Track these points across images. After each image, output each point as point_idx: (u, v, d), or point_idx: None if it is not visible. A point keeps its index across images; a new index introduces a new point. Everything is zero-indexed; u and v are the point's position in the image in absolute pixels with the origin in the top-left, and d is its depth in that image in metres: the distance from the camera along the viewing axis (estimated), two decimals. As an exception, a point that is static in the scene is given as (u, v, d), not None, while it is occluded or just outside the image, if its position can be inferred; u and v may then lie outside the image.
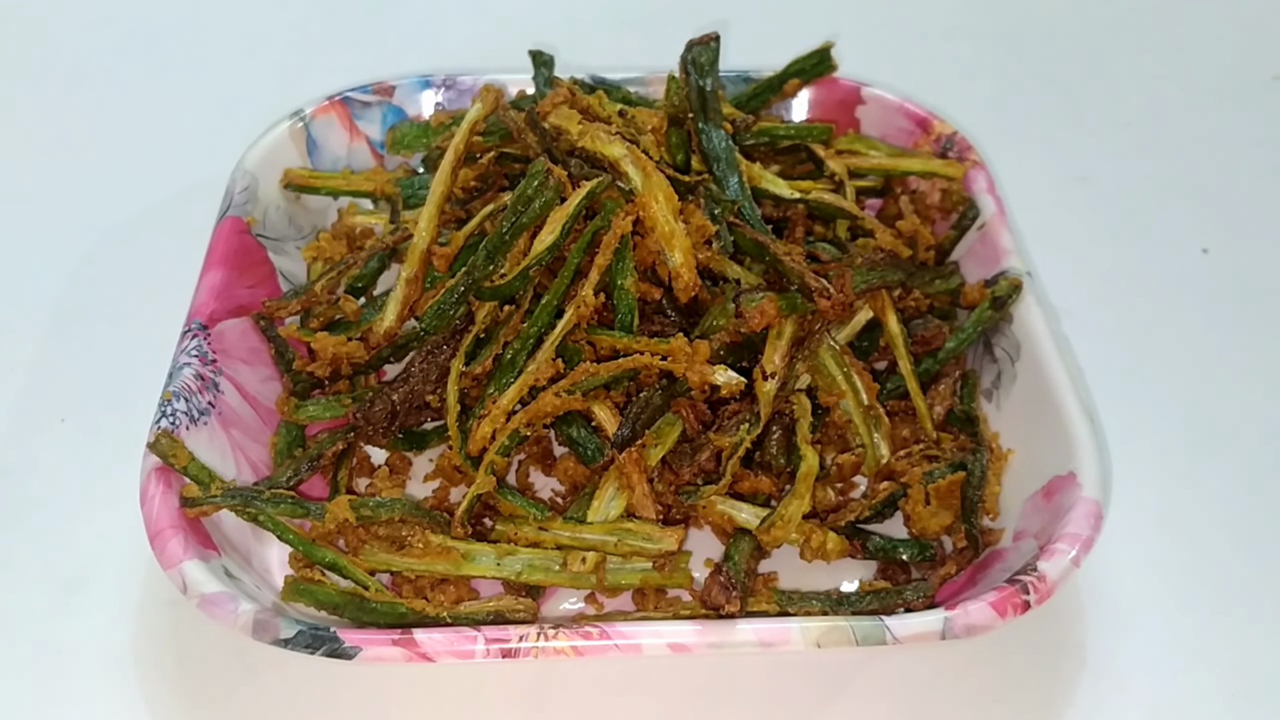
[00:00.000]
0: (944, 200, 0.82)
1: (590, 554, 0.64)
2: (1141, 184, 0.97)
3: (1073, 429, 0.66)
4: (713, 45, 0.78)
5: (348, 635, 0.57)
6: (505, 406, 0.66)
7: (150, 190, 0.94)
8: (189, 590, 0.59)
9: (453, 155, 0.75)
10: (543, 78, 0.85)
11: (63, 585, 0.69)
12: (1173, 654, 0.67)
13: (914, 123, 0.86)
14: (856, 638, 0.58)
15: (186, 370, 0.69)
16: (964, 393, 0.74)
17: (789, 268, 0.68)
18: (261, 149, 0.82)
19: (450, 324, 0.70)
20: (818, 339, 0.69)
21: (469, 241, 0.73)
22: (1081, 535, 0.61)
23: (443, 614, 0.61)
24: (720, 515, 0.66)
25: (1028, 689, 0.65)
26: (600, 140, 0.71)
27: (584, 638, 0.57)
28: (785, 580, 0.67)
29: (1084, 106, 1.04)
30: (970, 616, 0.58)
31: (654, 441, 0.66)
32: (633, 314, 0.69)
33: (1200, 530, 0.73)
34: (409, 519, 0.66)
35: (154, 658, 0.66)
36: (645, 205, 0.68)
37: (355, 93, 0.87)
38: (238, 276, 0.75)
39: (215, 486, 0.64)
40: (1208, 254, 0.91)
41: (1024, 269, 0.75)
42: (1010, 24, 1.13)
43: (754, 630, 0.58)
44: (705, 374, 0.65)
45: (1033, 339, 0.71)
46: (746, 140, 0.81)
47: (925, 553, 0.67)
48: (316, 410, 0.72)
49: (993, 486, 0.69)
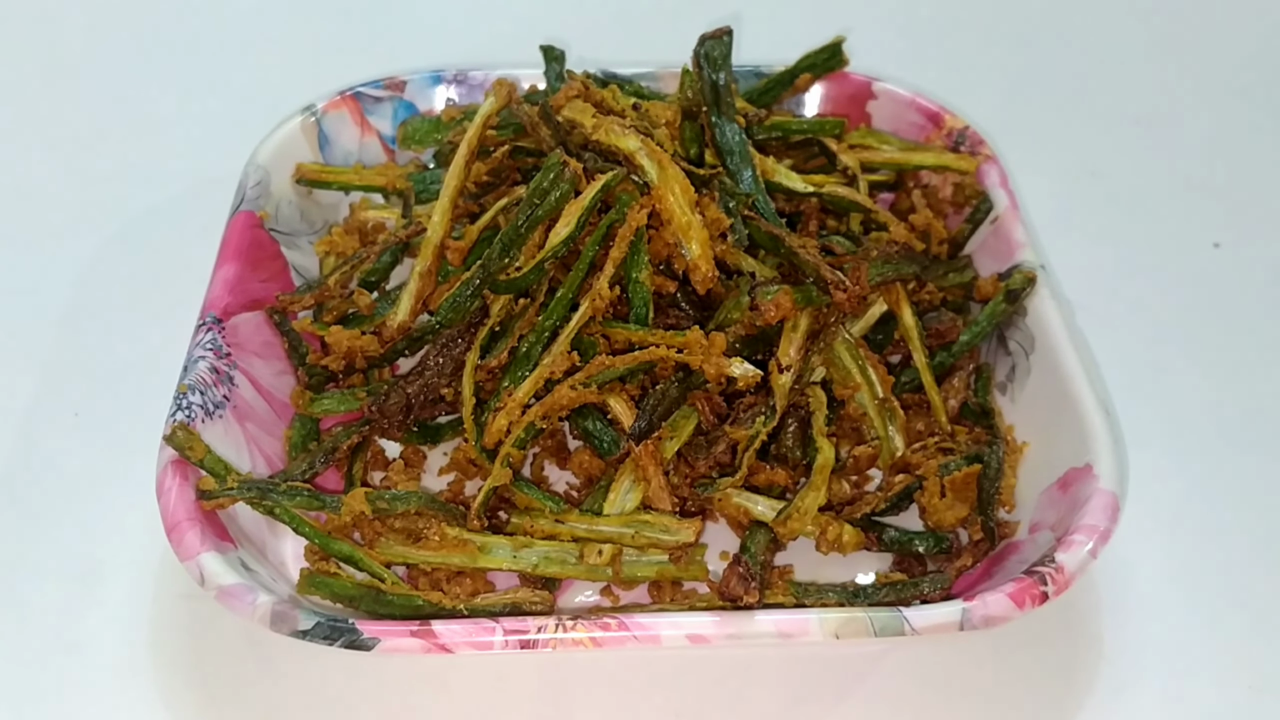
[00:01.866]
0: (956, 194, 0.82)
1: (607, 546, 0.64)
2: (1153, 179, 0.96)
3: (1089, 421, 0.65)
4: (725, 39, 0.78)
5: (366, 626, 0.57)
6: (520, 400, 0.66)
7: (163, 185, 0.93)
8: (206, 582, 0.59)
9: (466, 149, 0.75)
10: (554, 72, 0.85)
11: (77, 579, 0.69)
12: (1190, 646, 0.67)
13: (926, 117, 0.86)
14: (875, 629, 0.57)
15: (201, 364, 0.68)
16: (978, 385, 0.73)
17: (804, 261, 0.68)
18: (273, 144, 0.82)
19: (465, 317, 0.70)
20: (833, 332, 0.69)
21: (483, 235, 0.73)
22: (1099, 527, 0.61)
23: (459, 606, 0.61)
24: (736, 508, 0.66)
25: (1045, 681, 0.65)
26: (615, 133, 0.71)
27: (602, 629, 0.57)
28: (800, 573, 0.67)
29: (1095, 101, 1.04)
30: (988, 607, 0.58)
31: (670, 434, 0.66)
32: (648, 307, 0.69)
33: (1215, 523, 0.73)
34: (425, 512, 0.66)
35: (169, 651, 0.66)
36: (661, 198, 0.68)
37: (366, 88, 0.87)
38: (251, 271, 0.75)
39: (231, 479, 0.64)
40: (1219, 248, 0.91)
41: (1038, 262, 0.75)
42: (1021, 18, 1.13)
43: (773, 621, 0.58)
44: (722, 366, 0.65)
45: (1047, 332, 0.71)
46: (759, 135, 0.80)
47: (941, 545, 0.67)
48: (331, 404, 0.72)
49: (1008, 479, 0.69)
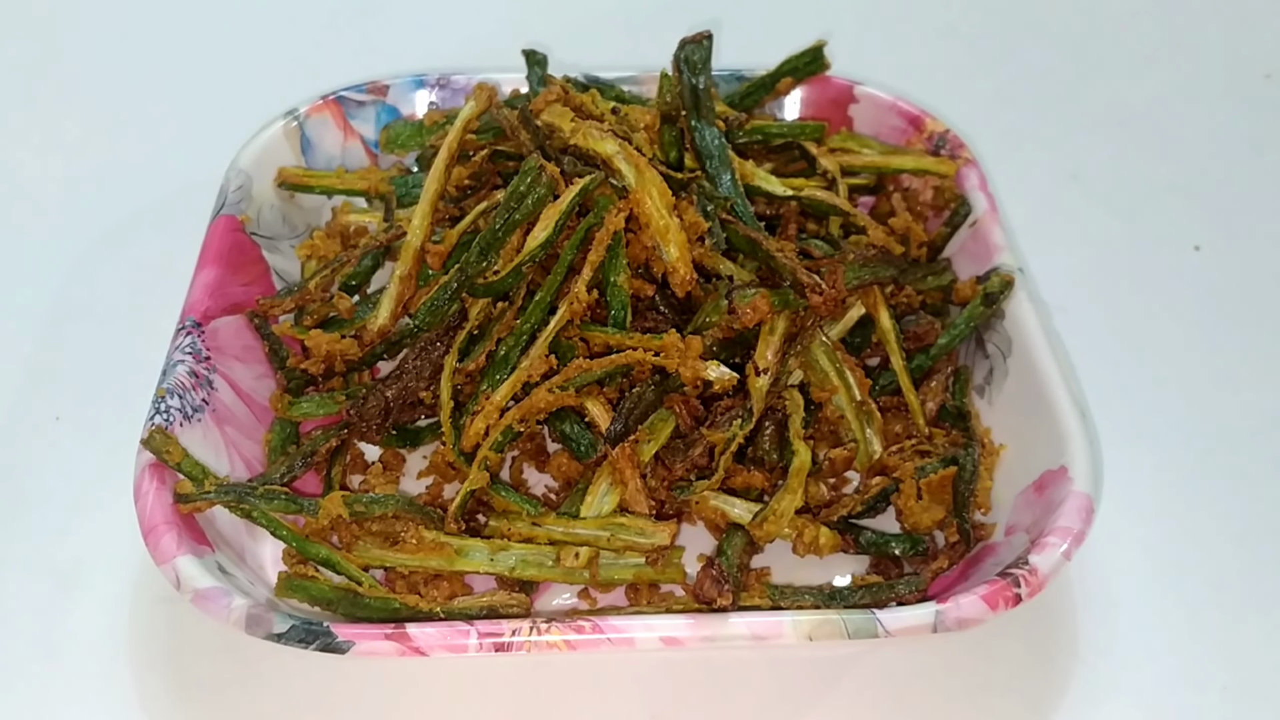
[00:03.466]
0: (936, 198, 0.82)
1: (583, 549, 0.64)
2: (1133, 181, 0.97)
3: (1064, 423, 0.66)
4: (705, 43, 0.78)
5: (341, 630, 0.57)
6: (498, 403, 0.67)
7: (145, 189, 0.94)
8: (182, 586, 0.59)
9: (446, 153, 0.75)
10: (536, 77, 0.85)
11: (56, 582, 0.69)
12: (1165, 647, 0.67)
13: (906, 121, 0.86)
14: (848, 631, 0.58)
15: (180, 367, 0.69)
16: (956, 388, 0.74)
17: (782, 264, 0.68)
18: (255, 148, 0.82)
19: (444, 320, 0.70)
20: (810, 335, 0.69)
21: (462, 239, 0.73)
22: (1073, 529, 0.61)
23: (436, 609, 0.62)
24: (713, 510, 0.66)
25: (1020, 682, 0.65)
26: (593, 137, 0.71)
27: (576, 632, 0.57)
28: (778, 575, 0.67)
29: (1076, 104, 1.05)
30: (961, 609, 0.58)
31: (647, 437, 0.67)
32: (626, 310, 0.69)
33: (1192, 524, 0.73)
34: (402, 515, 0.66)
35: (147, 654, 0.66)
36: (639, 201, 0.68)
37: (349, 92, 0.87)
38: (232, 274, 0.75)
39: (209, 483, 0.64)
40: (1199, 251, 0.91)
41: (1016, 265, 0.75)
42: (1002, 22, 1.13)
43: (746, 624, 0.58)
44: (698, 369, 0.65)
45: (1024, 334, 0.71)
46: (739, 138, 0.81)
47: (917, 547, 0.67)
48: (310, 407, 0.72)
49: (984, 481, 0.69)
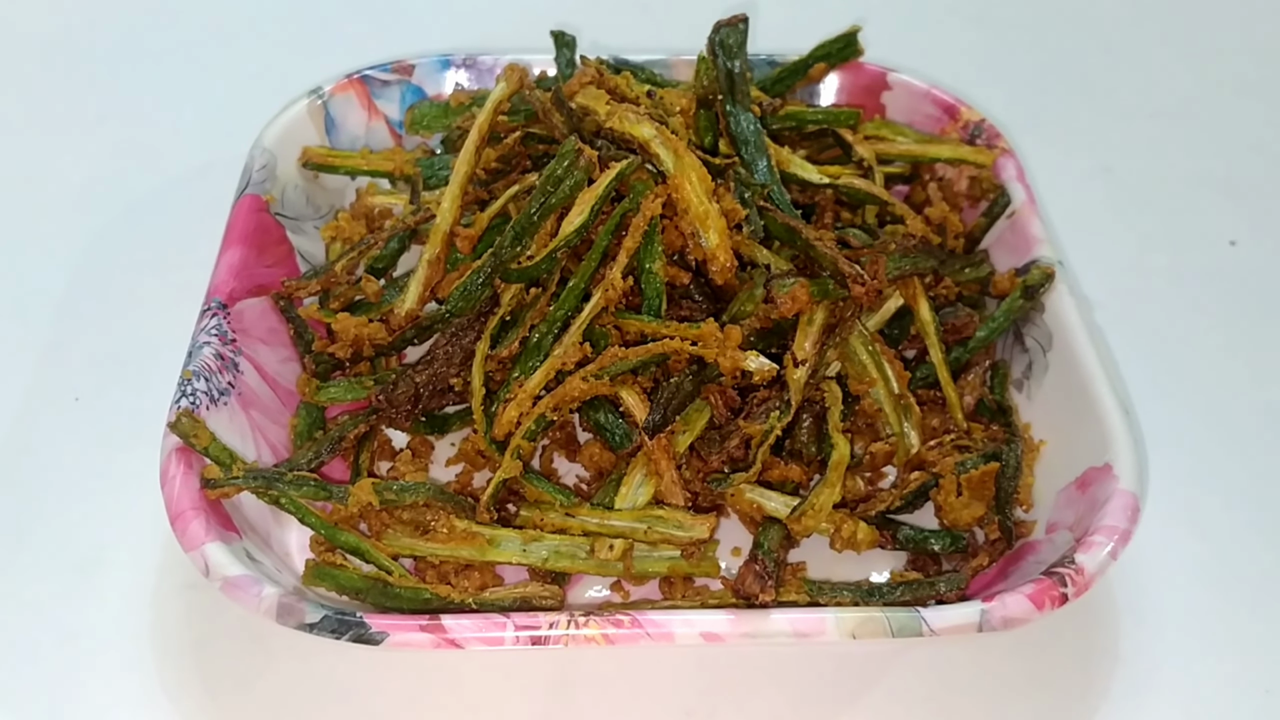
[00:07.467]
0: (972, 187, 0.81)
1: (618, 541, 0.63)
2: (1168, 175, 0.95)
3: (1108, 420, 0.65)
4: (741, 27, 0.77)
5: (374, 620, 0.56)
6: (531, 391, 0.65)
7: (167, 167, 0.92)
8: (211, 573, 0.58)
9: (477, 134, 0.73)
10: (565, 59, 0.84)
11: (77, 568, 0.68)
12: (1207, 650, 0.66)
13: (941, 109, 0.85)
14: (892, 629, 0.57)
15: (206, 349, 0.67)
16: (995, 382, 0.72)
17: (822, 253, 0.67)
18: (280, 126, 0.81)
19: (476, 306, 0.68)
20: (849, 326, 0.68)
21: (493, 223, 0.72)
22: (1119, 528, 0.60)
23: (468, 600, 0.60)
24: (749, 503, 0.65)
25: (1061, 684, 0.64)
26: (629, 121, 0.70)
27: (615, 626, 0.56)
28: (813, 570, 0.66)
29: (1110, 96, 1.03)
30: (1007, 609, 0.57)
31: (682, 428, 0.65)
32: (661, 298, 0.68)
33: (1231, 524, 0.72)
34: (433, 503, 0.65)
35: (170, 642, 0.65)
36: (678, 187, 0.67)
37: (374, 71, 0.85)
38: (256, 255, 0.74)
39: (236, 468, 0.63)
40: (1235, 246, 0.90)
41: (1055, 258, 0.74)
42: (1036, 12, 1.12)
43: (788, 620, 0.57)
44: (737, 360, 0.64)
45: (1065, 329, 0.70)
46: (773, 124, 0.79)
47: (957, 544, 0.66)
48: (338, 392, 0.71)
49: (1026, 478, 0.68)
